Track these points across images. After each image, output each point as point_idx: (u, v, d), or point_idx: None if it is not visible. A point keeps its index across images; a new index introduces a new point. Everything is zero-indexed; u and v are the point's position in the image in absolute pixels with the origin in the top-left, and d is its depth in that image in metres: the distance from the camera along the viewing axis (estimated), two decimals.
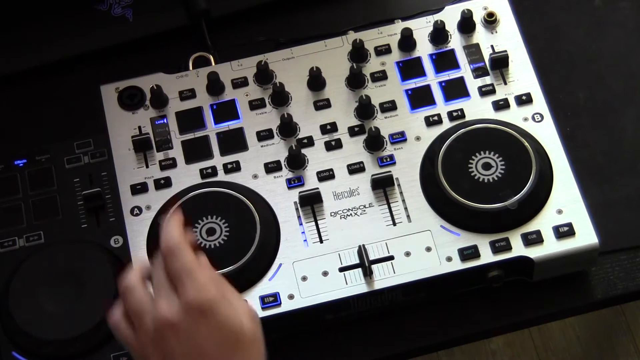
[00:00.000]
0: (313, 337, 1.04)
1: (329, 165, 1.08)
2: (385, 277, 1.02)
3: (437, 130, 1.09)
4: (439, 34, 1.14)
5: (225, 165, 1.08)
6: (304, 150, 1.09)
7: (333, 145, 1.09)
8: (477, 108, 1.10)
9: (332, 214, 1.05)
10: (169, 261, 0.89)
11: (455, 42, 1.14)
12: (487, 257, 1.02)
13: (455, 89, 1.11)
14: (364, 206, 1.06)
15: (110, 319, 0.91)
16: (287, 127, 1.10)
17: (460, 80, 1.12)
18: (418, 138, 1.09)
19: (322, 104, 1.12)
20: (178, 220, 0.90)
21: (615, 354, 1.97)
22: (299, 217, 1.05)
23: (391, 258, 1.03)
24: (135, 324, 0.89)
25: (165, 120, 1.11)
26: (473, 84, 1.12)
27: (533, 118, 1.09)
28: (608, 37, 1.20)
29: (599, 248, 1.03)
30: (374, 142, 1.08)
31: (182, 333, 0.86)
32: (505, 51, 1.12)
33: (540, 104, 1.10)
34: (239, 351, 0.87)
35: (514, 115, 1.09)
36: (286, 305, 1.01)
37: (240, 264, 1.01)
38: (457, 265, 1.02)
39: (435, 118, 1.10)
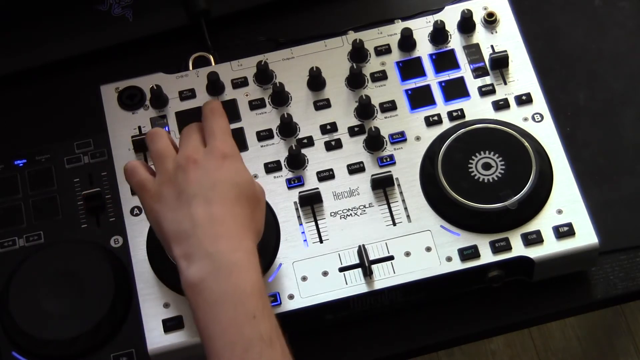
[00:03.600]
0: (313, 337, 1.04)
1: (329, 165, 1.08)
2: (385, 277, 1.02)
3: (437, 130, 1.09)
4: (439, 34, 1.14)
5: None
6: (304, 150, 1.09)
7: (333, 145, 1.09)
8: (477, 108, 1.10)
9: (332, 214, 1.05)
10: (208, 119, 0.99)
11: (455, 42, 1.14)
12: (487, 257, 1.02)
13: (455, 89, 1.11)
14: (364, 206, 1.06)
15: (128, 164, 0.98)
16: (287, 127, 1.10)
17: (460, 80, 1.12)
18: (418, 138, 1.09)
19: (322, 104, 1.12)
20: None
21: (615, 354, 1.97)
22: (299, 217, 1.05)
23: (391, 258, 1.03)
24: (156, 166, 0.97)
25: (166, 129, 1.11)
26: (473, 84, 1.12)
27: (533, 118, 1.09)
28: (608, 37, 1.20)
29: (599, 248, 1.03)
30: (374, 142, 1.08)
31: (201, 168, 0.94)
32: (505, 51, 1.12)
33: (540, 104, 1.10)
34: (245, 198, 0.94)
35: (514, 115, 1.09)
36: (286, 305, 1.01)
37: None
38: (457, 265, 1.02)
39: (435, 118, 1.10)
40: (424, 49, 1.14)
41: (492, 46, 1.13)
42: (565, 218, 1.03)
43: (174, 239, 0.92)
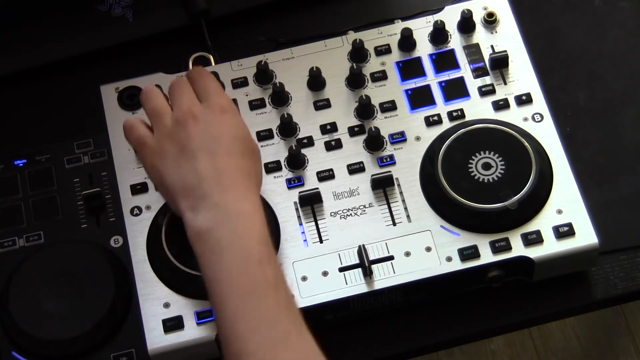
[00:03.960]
0: (313, 337, 1.04)
1: (329, 165, 1.08)
2: (385, 277, 1.01)
3: (437, 130, 1.09)
4: (439, 34, 1.14)
5: None
6: (304, 150, 1.09)
7: (333, 145, 1.09)
8: (477, 108, 1.10)
9: (332, 214, 1.05)
10: (198, 80, 0.99)
11: (455, 42, 1.14)
12: (487, 257, 1.02)
13: (455, 89, 1.11)
14: (364, 206, 1.06)
15: (126, 120, 0.99)
16: (287, 127, 1.10)
17: (460, 80, 1.12)
18: (418, 138, 1.09)
19: (322, 104, 1.12)
20: None
21: (615, 354, 1.97)
22: (299, 217, 1.05)
23: (391, 258, 1.03)
24: (154, 123, 0.97)
25: None
26: (473, 84, 1.12)
27: (533, 118, 1.09)
28: (608, 37, 1.20)
29: (599, 248, 1.03)
30: (374, 142, 1.08)
31: (201, 123, 0.95)
32: (505, 51, 1.12)
33: (540, 104, 1.10)
34: (247, 151, 0.96)
35: (514, 115, 1.09)
36: None
37: None
38: (457, 265, 1.02)
39: (435, 118, 1.10)
40: (424, 49, 1.14)
41: (492, 46, 1.13)
42: (565, 218, 1.03)
43: (180, 193, 0.93)
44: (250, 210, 0.92)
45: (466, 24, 1.14)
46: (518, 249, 1.02)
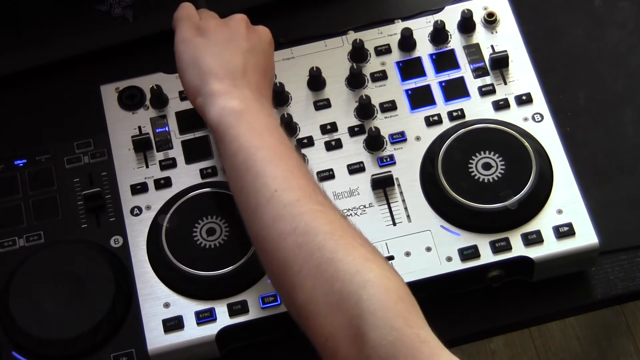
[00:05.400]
0: None
1: (329, 165, 1.08)
2: None
3: (437, 130, 1.09)
4: (439, 34, 1.14)
5: None
6: (304, 150, 1.09)
7: (333, 145, 1.09)
8: (477, 108, 1.10)
9: None
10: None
11: (455, 42, 1.14)
12: (487, 257, 1.02)
13: (455, 89, 1.11)
14: (364, 206, 1.06)
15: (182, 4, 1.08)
16: (287, 127, 1.10)
17: (460, 80, 1.12)
18: (418, 138, 1.09)
19: (322, 104, 1.12)
20: None
21: (615, 354, 1.97)
22: None
23: (391, 258, 1.03)
24: (206, 14, 1.06)
25: (166, 129, 1.11)
26: (473, 84, 1.12)
27: (533, 118, 1.09)
28: (608, 37, 1.20)
29: (599, 248, 1.03)
30: (374, 142, 1.08)
31: (252, 32, 1.04)
32: (505, 51, 1.12)
33: (540, 104, 1.10)
34: (271, 76, 1.05)
35: (514, 115, 1.09)
36: None
37: (240, 263, 1.01)
38: (457, 265, 1.02)
39: (435, 118, 1.10)
40: (424, 49, 1.14)
41: (492, 46, 1.13)
42: (565, 218, 1.03)
43: (218, 73, 0.99)
44: (272, 110, 1.02)
45: (466, 24, 1.14)
46: (518, 249, 1.02)
